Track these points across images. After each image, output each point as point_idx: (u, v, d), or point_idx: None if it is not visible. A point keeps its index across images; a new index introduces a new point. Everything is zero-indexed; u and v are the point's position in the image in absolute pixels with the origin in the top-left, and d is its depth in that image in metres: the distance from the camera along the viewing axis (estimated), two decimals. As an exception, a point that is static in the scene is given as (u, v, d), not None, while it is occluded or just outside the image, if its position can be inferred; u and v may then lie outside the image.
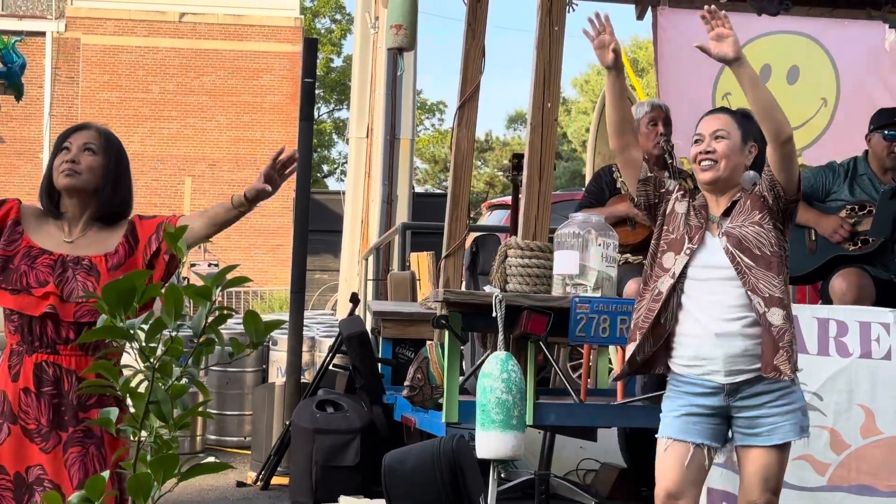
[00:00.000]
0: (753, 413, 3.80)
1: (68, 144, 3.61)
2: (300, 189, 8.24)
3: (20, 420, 3.47)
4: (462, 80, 6.29)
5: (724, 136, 3.90)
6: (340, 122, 39.13)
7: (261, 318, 2.27)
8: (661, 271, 3.87)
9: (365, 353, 7.12)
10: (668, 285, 3.82)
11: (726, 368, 3.77)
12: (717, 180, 3.89)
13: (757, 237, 3.80)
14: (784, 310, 3.75)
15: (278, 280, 25.31)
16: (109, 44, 27.57)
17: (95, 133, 3.63)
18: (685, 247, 3.84)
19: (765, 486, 3.82)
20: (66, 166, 3.56)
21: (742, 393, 3.79)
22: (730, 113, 4.01)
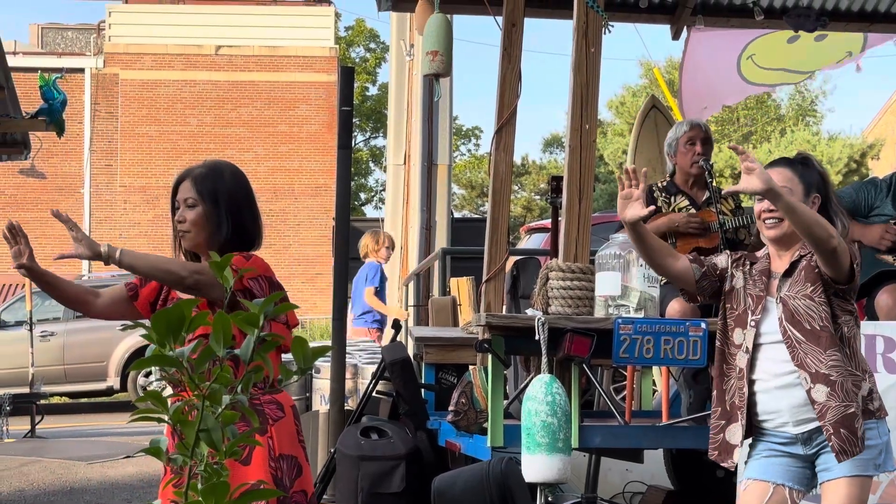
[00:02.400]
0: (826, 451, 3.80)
1: (177, 203, 3.73)
2: (339, 217, 8.27)
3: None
4: (499, 104, 6.31)
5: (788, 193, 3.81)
6: (377, 149, 39.28)
7: (308, 344, 2.28)
8: (735, 348, 3.87)
9: (408, 379, 7.11)
10: (745, 361, 3.83)
11: (793, 419, 3.80)
12: (782, 237, 3.86)
13: (808, 310, 3.79)
14: (829, 386, 3.73)
15: (318, 309, 25.37)
16: (147, 78, 27.85)
17: (191, 182, 3.71)
18: (749, 320, 3.84)
19: None
20: (178, 227, 3.71)
21: (816, 440, 3.80)
22: (790, 164, 3.95)
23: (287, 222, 27.94)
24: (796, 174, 3.90)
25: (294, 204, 27.96)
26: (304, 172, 27.98)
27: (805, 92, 35.48)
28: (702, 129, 6.28)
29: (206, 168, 3.76)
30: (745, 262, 3.95)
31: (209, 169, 3.76)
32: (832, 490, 3.78)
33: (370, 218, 26.90)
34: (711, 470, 6.90)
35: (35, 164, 26.18)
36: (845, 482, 3.77)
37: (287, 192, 27.90)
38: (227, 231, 3.68)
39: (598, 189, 32.97)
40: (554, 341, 5.11)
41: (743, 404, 3.80)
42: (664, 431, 5.59)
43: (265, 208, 29.71)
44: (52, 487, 8.87)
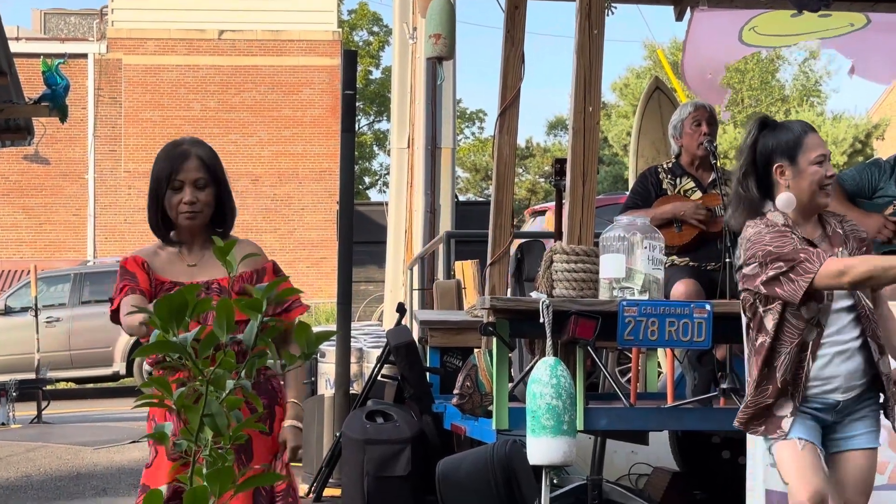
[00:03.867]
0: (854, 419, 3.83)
1: (178, 183, 3.64)
2: (344, 201, 8.27)
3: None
4: (502, 86, 6.30)
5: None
6: (381, 133, 39.26)
7: (311, 329, 2.28)
8: (804, 323, 3.75)
9: (413, 363, 7.12)
10: (814, 335, 3.75)
11: (845, 385, 3.78)
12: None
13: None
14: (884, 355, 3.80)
15: (323, 293, 25.39)
16: (150, 63, 27.82)
17: (199, 163, 3.65)
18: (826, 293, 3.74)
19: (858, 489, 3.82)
20: (187, 209, 3.62)
21: (850, 408, 3.82)
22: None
23: (291, 206, 27.94)
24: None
25: (298, 188, 27.95)
26: (308, 157, 27.96)
27: (809, 72, 35.38)
28: (706, 109, 6.26)
29: (204, 147, 3.72)
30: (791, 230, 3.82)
31: (207, 148, 3.72)
32: (859, 459, 3.81)
33: (374, 202, 26.92)
34: (717, 451, 6.91)
35: (39, 149, 26.19)
36: (871, 453, 3.83)
37: (291, 177, 27.89)
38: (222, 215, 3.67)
39: (602, 171, 32.93)
40: (558, 324, 5.10)
41: (801, 379, 3.73)
42: (669, 413, 5.59)
43: (269, 192, 29.88)
44: (59, 472, 8.89)
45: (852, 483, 3.82)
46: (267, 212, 27.79)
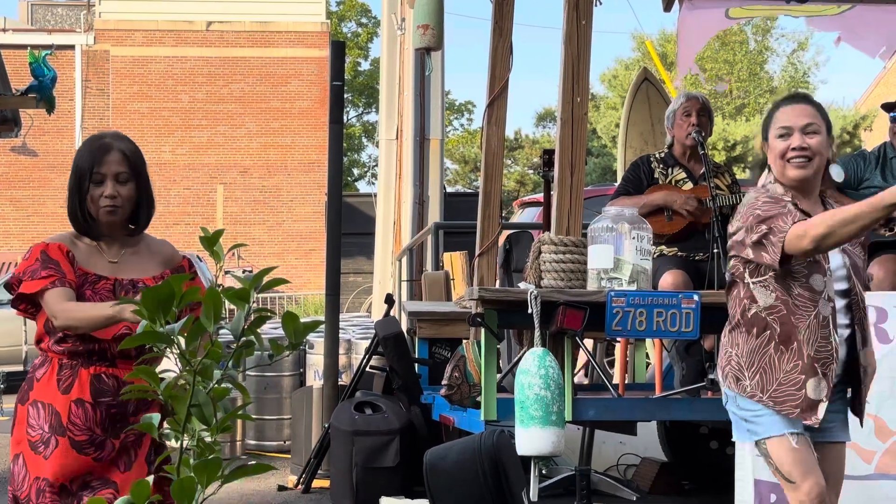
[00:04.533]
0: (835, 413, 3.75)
1: (100, 176, 3.57)
2: (332, 192, 8.26)
3: (68, 432, 3.51)
4: (490, 77, 6.29)
5: (817, 131, 3.67)
6: (369, 125, 39.22)
7: (299, 318, 2.27)
8: (814, 294, 3.60)
9: (401, 354, 7.13)
10: (829, 310, 3.62)
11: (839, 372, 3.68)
12: (808, 178, 3.67)
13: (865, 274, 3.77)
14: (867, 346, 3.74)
15: (312, 285, 25.37)
16: (138, 55, 27.73)
17: (121, 156, 3.58)
18: (825, 267, 3.64)
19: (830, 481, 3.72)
20: (107, 203, 3.56)
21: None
22: (812, 102, 3.77)
23: (280, 198, 27.90)
24: (818, 111, 3.74)
25: (287, 180, 27.91)
26: (297, 148, 27.92)
27: (798, 64, 35.45)
28: (698, 100, 6.27)
29: (126, 141, 3.65)
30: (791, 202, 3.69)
31: (130, 143, 3.65)
32: (836, 452, 3.75)
33: (363, 193, 26.90)
34: (705, 441, 6.93)
35: (27, 141, 26.10)
36: (842, 448, 3.78)
37: (280, 168, 27.84)
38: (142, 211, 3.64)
39: (590, 163, 32.94)
40: (547, 314, 5.11)
41: (831, 355, 3.59)
42: (657, 404, 5.60)
43: (258, 184, 29.83)
44: (48, 465, 8.86)
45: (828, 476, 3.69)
46: (255, 203, 27.75)
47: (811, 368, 3.57)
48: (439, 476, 4.34)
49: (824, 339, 3.59)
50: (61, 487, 3.49)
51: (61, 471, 3.49)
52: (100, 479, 3.50)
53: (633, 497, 6.55)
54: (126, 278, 3.58)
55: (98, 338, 3.50)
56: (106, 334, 3.49)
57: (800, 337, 3.59)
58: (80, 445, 3.50)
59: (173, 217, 26.90)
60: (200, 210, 27.32)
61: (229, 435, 8.64)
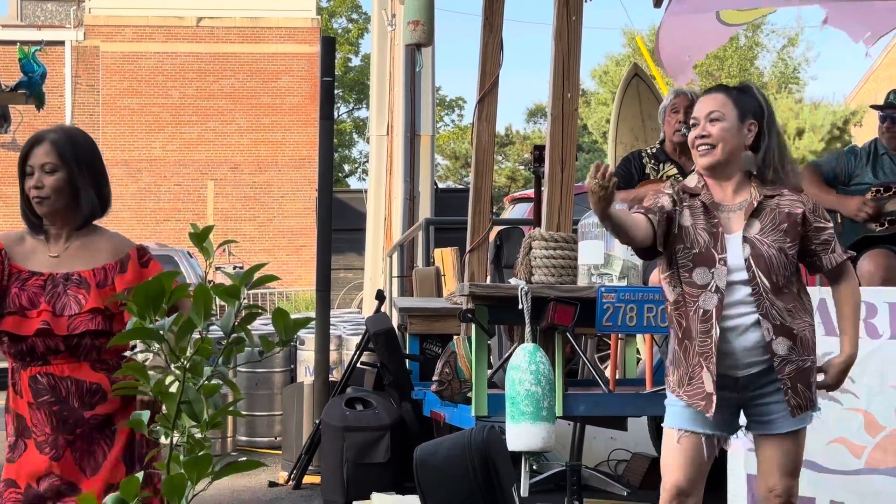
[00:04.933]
0: (764, 401, 3.74)
1: (30, 168, 3.56)
2: (322, 188, 8.25)
3: (33, 434, 3.53)
4: (481, 74, 6.29)
5: (720, 119, 3.76)
6: (360, 121, 39.20)
7: (289, 315, 2.27)
8: (697, 289, 3.70)
9: (392, 350, 7.13)
10: (715, 301, 3.67)
11: (741, 361, 3.70)
12: (715, 165, 3.75)
13: (779, 263, 3.70)
14: (791, 340, 3.68)
15: (303, 281, 25.36)
16: (128, 50, 27.68)
17: (49, 147, 3.54)
18: (717, 258, 3.69)
19: (783, 472, 3.77)
20: (34, 194, 3.54)
21: (755, 385, 3.74)
22: (726, 91, 3.85)
23: (271, 195, 27.88)
24: (731, 99, 3.79)
25: (277, 176, 27.89)
26: (288, 144, 27.90)
27: (788, 60, 35.49)
28: (688, 97, 6.27)
29: (61, 133, 3.60)
30: (685, 196, 3.80)
31: (65, 134, 3.60)
32: (782, 443, 3.74)
33: (354, 189, 26.87)
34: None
35: (17, 137, 26.04)
36: (788, 437, 3.74)
37: (270, 165, 27.82)
38: (80, 202, 3.59)
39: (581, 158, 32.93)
40: (537, 310, 5.11)
41: (710, 349, 3.66)
42: (648, 399, 5.61)
43: (248, 180, 29.82)
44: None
45: (769, 468, 3.76)
46: (246, 200, 27.73)
47: (699, 363, 3.69)
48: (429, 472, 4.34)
49: (704, 334, 3.68)
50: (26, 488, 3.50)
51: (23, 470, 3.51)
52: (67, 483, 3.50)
53: (623, 492, 6.56)
54: (62, 272, 3.55)
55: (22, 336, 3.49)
56: (27, 330, 3.48)
57: (692, 331, 3.70)
58: (41, 446, 3.52)
59: (164, 213, 26.88)
60: (191, 206, 27.28)
61: (220, 431, 8.63)
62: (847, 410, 4.87)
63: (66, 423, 3.52)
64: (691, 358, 3.72)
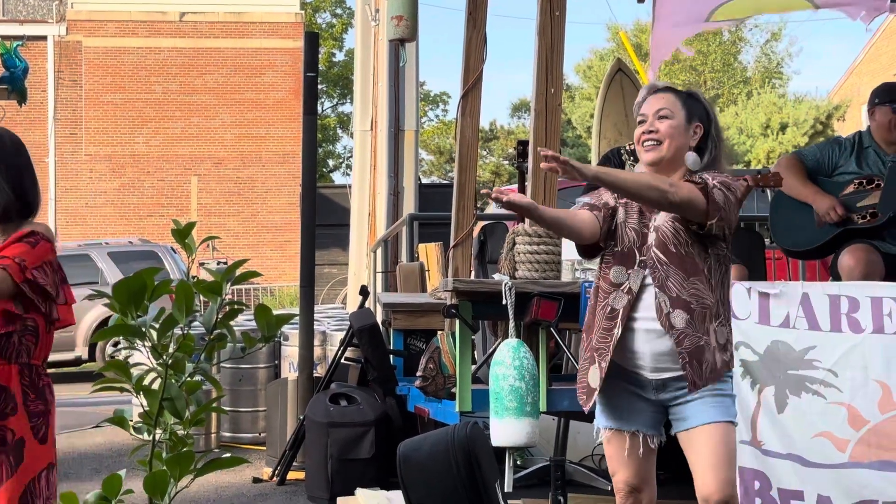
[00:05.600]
0: (682, 400, 3.71)
1: None
2: (306, 184, 8.24)
3: None
4: (464, 69, 6.29)
5: (668, 116, 3.77)
6: (344, 116, 39.15)
7: (272, 311, 2.27)
8: (611, 287, 3.70)
9: (376, 345, 7.12)
10: (624, 302, 3.67)
11: (651, 365, 3.69)
12: (660, 161, 3.75)
13: (675, 234, 3.66)
14: (688, 314, 3.63)
15: (287, 276, 25.33)
16: (111, 45, 27.59)
17: None
18: (638, 259, 3.68)
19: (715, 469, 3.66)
20: None
21: (671, 388, 3.71)
22: (675, 92, 3.87)
23: (255, 190, 27.83)
24: (680, 100, 3.82)
25: (262, 171, 27.84)
26: (272, 139, 27.84)
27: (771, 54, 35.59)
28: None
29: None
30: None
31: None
32: (703, 435, 3.66)
33: (338, 185, 26.85)
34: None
35: (-2, 133, 25.93)
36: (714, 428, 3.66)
37: (254, 160, 27.76)
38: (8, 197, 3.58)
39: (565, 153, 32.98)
40: (521, 306, 5.11)
41: (608, 346, 3.66)
42: (632, 394, 5.60)
43: (232, 176, 29.75)
44: (21, 458, 8.81)
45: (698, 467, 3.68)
46: (230, 195, 27.67)
47: (591, 357, 3.73)
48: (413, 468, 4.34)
49: (606, 331, 3.70)
50: None
51: None
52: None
53: (608, 487, 6.56)
54: None
55: None
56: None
57: (594, 325, 3.74)
58: None
59: (147, 209, 26.80)
60: (174, 202, 27.21)
61: (203, 427, 8.62)
62: (831, 404, 4.88)
63: None
64: (585, 351, 3.78)
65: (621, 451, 3.80)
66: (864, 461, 4.82)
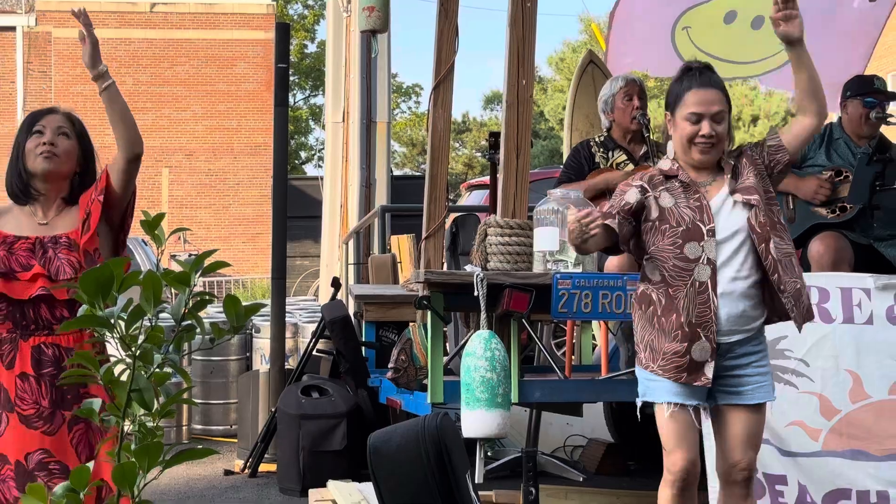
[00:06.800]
0: (739, 373, 3.81)
1: (41, 128, 3.60)
2: (277, 175, 8.21)
3: (17, 408, 3.47)
4: (436, 60, 6.27)
5: (723, 118, 3.83)
6: (316, 108, 39.05)
7: (241, 302, 2.26)
8: (690, 263, 3.77)
9: (348, 337, 7.11)
10: (709, 272, 3.76)
11: (726, 327, 3.78)
12: (710, 160, 3.86)
13: (765, 202, 3.80)
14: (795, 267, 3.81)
15: (259, 269, 25.26)
16: (81, 36, 27.40)
17: (65, 117, 3.66)
18: (705, 231, 3.78)
19: (748, 444, 3.84)
20: (45, 149, 3.57)
21: (732, 353, 3.81)
22: (719, 86, 3.89)
23: (227, 182, 27.73)
24: (724, 94, 3.88)
25: (233, 163, 27.74)
26: (243, 131, 27.75)
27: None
28: (636, 83, 6.30)
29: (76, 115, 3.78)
30: (661, 180, 3.88)
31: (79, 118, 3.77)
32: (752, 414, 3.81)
33: (310, 176, 26.78)
34: (651, 422, 6.97)
35: (-33, 124, 25.73)
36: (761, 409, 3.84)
37: (226, 152, 27.66)
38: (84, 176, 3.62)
39: (538, 145, 32.99)
40: (493, 297, 5.10)
41: (710, 318, 3.73)
42: (603, 385, 5.62)
43: (204, 167, 29.66)
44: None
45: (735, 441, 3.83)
46: (201, 187, 27.56)
47: (694, 334, 3.75)
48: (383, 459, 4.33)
49: (703, 305, 3.76)
50: (16, 464, 3.45)
51: (14, 446, 3.46)
52: (58, 462, 3.45)
53: (579, 478, 6.58)
54: (49, 235, 3.54)
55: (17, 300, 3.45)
56: (22, 294, 3.45)
57: (679, 306, 3.76)
58: (29, 419, 3.46)
59: (118, 201, 26.66)
60: (146, 194, 27.06)
61: (174, 420, 8.58)
62: (802, 394, 4.91)
63: (64, 398, 3.47)
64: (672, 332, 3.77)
65: (685, 425, 3.78)
66: (836, 450, 4.85)
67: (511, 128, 5.57)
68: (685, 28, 7.51)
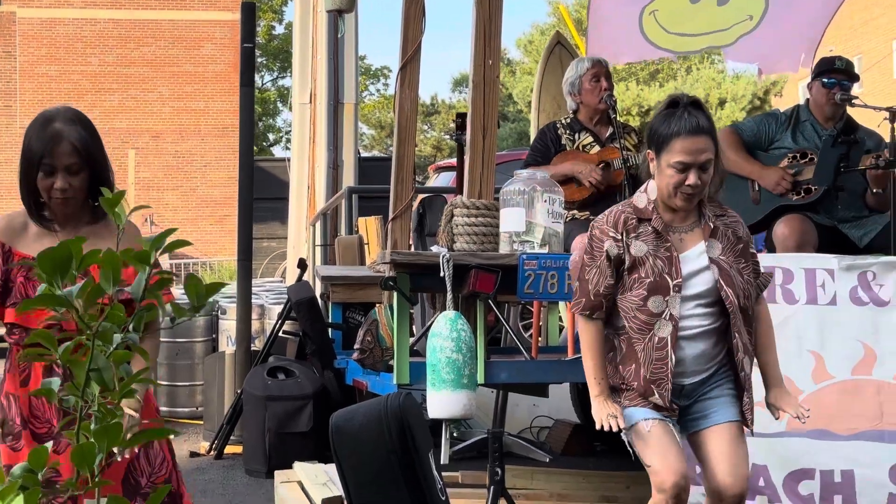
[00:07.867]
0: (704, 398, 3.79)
1: (50, 166, 3.40)
2: (243, 156, 8.17)
3: (30, 425, 3.45)
4: (403, 40, 6.24)
5: (710, 166, 3.69)
6: (284, 89, 38.90)
7: (202, 281, 2.23)
8: (652, 317, 3.67)
9: (314, 319, 7.09)
10: (669, 329, 3.66)
11: (690, 369, 3.73)
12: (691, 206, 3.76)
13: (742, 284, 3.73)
14: (751, 360, 3.77)
15: (226, 251, 25.16)
16: (46, 16, 27.16)
17: (71, 148, 3.42)
18: (671, 285, 3.67)
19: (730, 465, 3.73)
20: (59, 195, 3.41)
21: (698, 391, 3.78)
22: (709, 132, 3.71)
23: (194, 164, 27.60)
24: (713, 139, 3.71)
25: (200, 145, 27.60)
26: (210, 113, 27.60)
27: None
28: (603, 65, 6.31)
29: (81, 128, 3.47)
30: (634, 224, 3.74)
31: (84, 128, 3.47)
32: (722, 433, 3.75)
33: (277, 158, 26.68)
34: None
35: (-70, 105, 25.49)
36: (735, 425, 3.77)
37: (193, 133, 27.52)
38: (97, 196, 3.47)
39: (506, 127, 32.99)
40: (459, 278, 5.10)
41: (665, 375, 3.67)
42: (570, 366, 5.62)
43: (171, 149, 29.48)
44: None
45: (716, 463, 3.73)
46: (168, 168, 27.42)
47: (648, 389, 3.69)
48: (345, 438, 4.32)
49: (660, 361, 3.68)
50: None
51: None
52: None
53: (545, 458, 6.60)
54: None
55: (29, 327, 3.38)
56: (32, 323, 3.37)
57: (638, 358, 3.70)
58: (41, 438, 3.43)
59: (84, 182, 26.49)
60: (112, 175, 26.91)
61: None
62: (764, 375, 4.93)
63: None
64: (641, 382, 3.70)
65: (668, 437, 3.67)
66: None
67: (477, 108, 5.55)
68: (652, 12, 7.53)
